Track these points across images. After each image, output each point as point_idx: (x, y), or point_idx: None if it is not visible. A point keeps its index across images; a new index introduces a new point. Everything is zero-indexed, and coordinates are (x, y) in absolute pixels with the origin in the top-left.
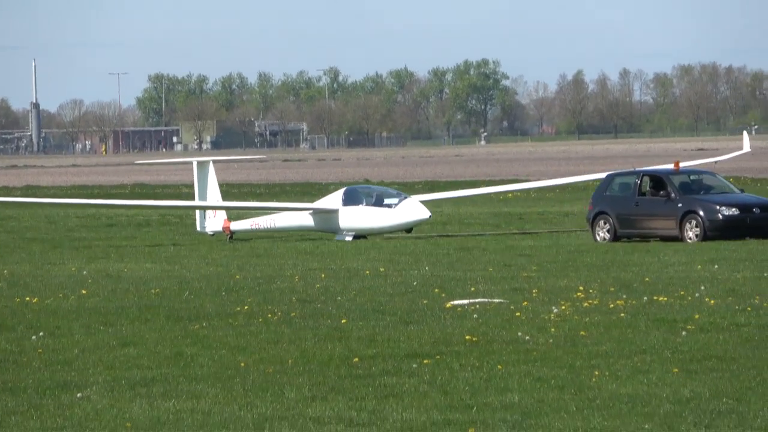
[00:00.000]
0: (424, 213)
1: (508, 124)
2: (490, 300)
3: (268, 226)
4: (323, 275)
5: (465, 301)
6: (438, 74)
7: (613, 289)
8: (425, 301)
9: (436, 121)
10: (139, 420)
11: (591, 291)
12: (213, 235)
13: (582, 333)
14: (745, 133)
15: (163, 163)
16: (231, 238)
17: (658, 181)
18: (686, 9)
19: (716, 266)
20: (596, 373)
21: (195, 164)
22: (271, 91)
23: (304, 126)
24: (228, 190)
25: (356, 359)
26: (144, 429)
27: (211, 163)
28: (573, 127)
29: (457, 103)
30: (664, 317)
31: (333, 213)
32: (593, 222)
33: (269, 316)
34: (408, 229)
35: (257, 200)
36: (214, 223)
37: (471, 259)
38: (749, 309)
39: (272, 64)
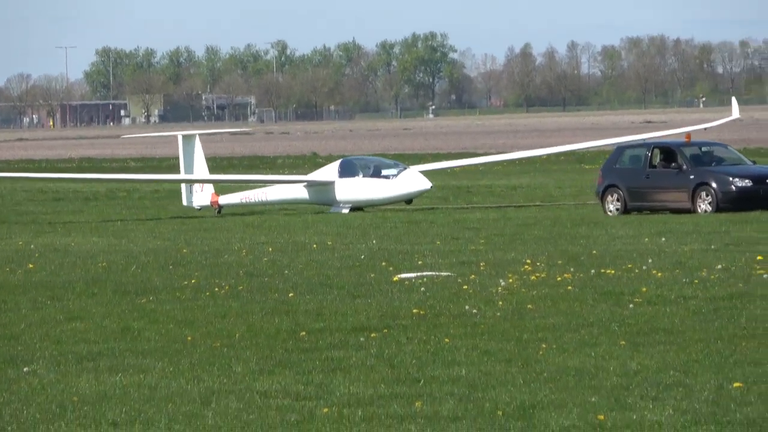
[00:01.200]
0: (426, 183)
1: (456, 97)
2: (437, 273)
3: (260, 200)
4: (271, 249)
5: (412, 275)
6: (386, 47)
7: (560, 262)
8: (373, 275)
9: (384, 94)
10: (86, 394)
11: (538, 264)
12: (200, 209)
13: (529, 306)
14: (733, 99)
15: (150, 137)
16: (219, 212)
17: (670, 152)
18: None
19: (663, 239)
20: (543, 346)
21: (180, 138)
22: (219, 64)
23: (252, 99)
24: (175, 164)
25: (303, 333)
26: (91, 403)
27: (197, 137)
28: (521, 100)
29: (405, 77)
30: (612, 290)
31: (329, 185)
32: (603, 195)
33: (216, 290)
34: (408, 200)
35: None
36: (201, 197)
37: (419, 232)
38: (696, 282)
39: (220, 37)
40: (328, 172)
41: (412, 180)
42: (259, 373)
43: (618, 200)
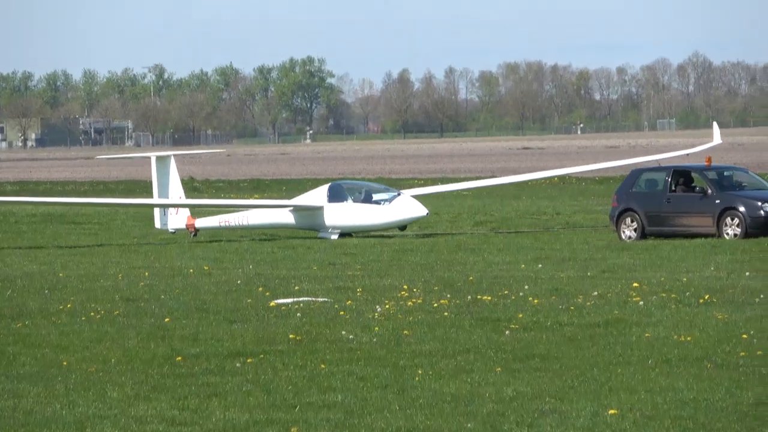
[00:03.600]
0: (421, 210)
1: (333, 122)
2: (314, 299)
3: (240, 224)
4: (147, 273)
5: (289, 300)
6: (264, 72)
7: (437, 288)
8: (249, 300)
9: (261, 118)
10: None
11: (415, 290)
12: (174, 232)
13: (406, 332)
14: (715, 124)
15: (124, 158)
16: (195, 235)
17: (692, 177)
18: (512, 7)
19: (540, 265)
20: (419, 372)
21: (153, 159)
22: (97, 88)
23: (129, 124)
24: (52, 188)
25: (179, 358)
26: None
27: (172, 158)
28: (398, 125)
29: (283, 101)
30: (488, 316)
31: (317, 210)
32: (618, 219)
33: (92, 314)
34: (402, 226)
35: (81, 197)
36: (176, 220)
37: (295, 258)
38: (572, 308)
39: (97, 61)
40: (316, 197)
41: (406, 206)
42: (134, 399)
43: (635, 225)
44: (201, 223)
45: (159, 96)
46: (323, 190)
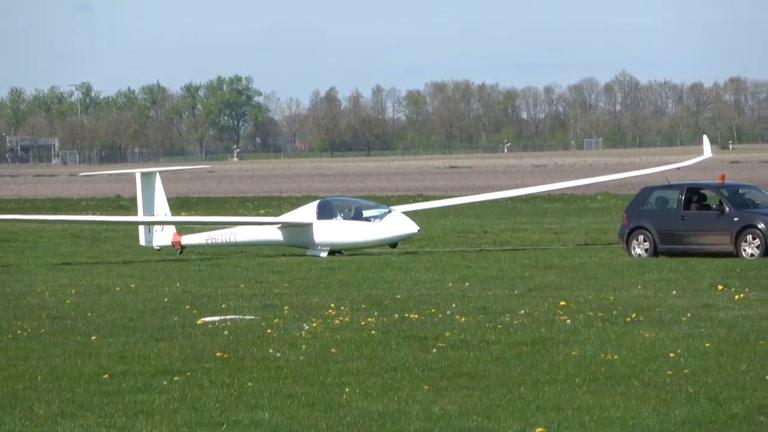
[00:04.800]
0: (412, 227)
1: (261, 140)
2: (241, 317)
3: (228, 241)
4: (74, 291)
5: (216, 318)
6: (191, 90)
7: (364, 306)
8: (176, 318)
9: (189, 136)
10: None
11: (342, 308)
12: (159, 249)
13: (333, 350)
14: (705, 137)
15: (109, 174)
16: (181, 252)
17: (707, 194)
18: (439, 26)
19: (467, 283)
20: (347, 390)
21: (138, 176)
22: (23, 106)
23: (56, 141)
24: None
25: (106, 376)
26: None
27: (157, 174)
28: (326, 143)
29: (210, 119)
30: (415, 334)
31: (306, 227)
32: (628, 237)
33: (19, 332)
34: (393, 244)
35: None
36: (161, 237)
37: (222, 275)
38: (500, 326)
39: (24, 79)
40: (305, 213)
41: (397, 223)
42: (61, 416)
43: (647, 243)
44: (187, 240)
45: (86, 114)
46: (312, 206)
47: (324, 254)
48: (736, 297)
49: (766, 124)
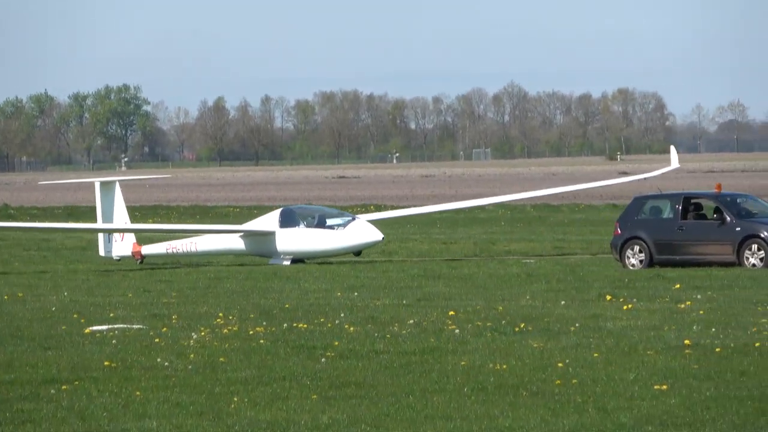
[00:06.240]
0: (377, 235)
1: (149, 149)
2: (129, 326)
3: (188, 250)
4: None
5: (104, 327)
6: (79, 99)
7: (253, 315)
8: (64, 327)
9: (76, 146)
10: None
11: (231, 317)
12: (119, 260)
13: (221, 359)
14: (672, 148)
15: (68, 183)
16: (141, 262)
17: (704, 204)
18: (327, 36)
19: (356, 293)
20: (235, 399)
21: (98, 185)
22: None
23: None
24: None
25: None
26: None
27: (117, 183)
28: (214, 153)
29: (98, 128)
30: (304, 344)
31: (269, 235)
32: (622, 248)
33: None
34: (357, 252)
35: None
36: (121, 247)
37: (110, 284)
38: (388, 336)
39: None
40: (268, 222)
41: (361, 231)
42: None
43: (642, 253)
44: (147, 250)
45: None
46: (275, 214)
47: (287, 263)
48: (624, 307)
49: (653, 136)
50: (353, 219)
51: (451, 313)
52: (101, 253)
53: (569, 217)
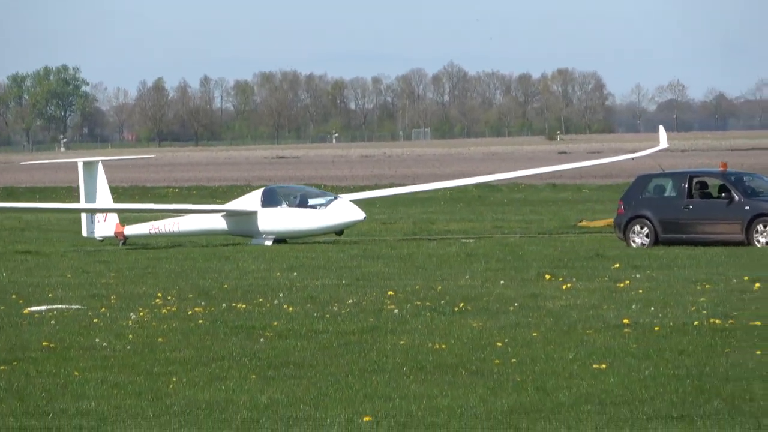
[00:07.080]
0: (359, 214)
1: (88, 130)
2: (67, 306)
3: (171, 231)
4: None
5: (42, 308)
6: (17, 80)
7: (191, 296)
8: (2, 308)
9: (15, 126)
10: None
11: (169, 298)
12: (102, 240)
13: (160, 339)
14: (661, 127)
15: (49, 164)
16: (124, 243)
17: (710, 182)
18: (266, 16)
19: (295, 273)
20: (174, 379)
21: (81, 165)
22: None
23: None
24: None
25: None
26: None
27: (100, 164)
28: (153, 134)
29: (37, 109)
30: (243, 324)
31: (251, 215)
32: (626, 227)
33: None
34: (339, 231)
35: None
36: (104, 227)
37: (49, 265)
38: (327, 316)
39: None
40: (250, 201)
41: (343, 210)
42: None
43: (646, 232)
44: (130, 230)
45: None
46: (257, 194)
47: (269, 243)
48: (563, 287)
49: (593, 115)
50: (335, 198)
51: (390, 293)
52: (84, 233)
53: (509, 197)
